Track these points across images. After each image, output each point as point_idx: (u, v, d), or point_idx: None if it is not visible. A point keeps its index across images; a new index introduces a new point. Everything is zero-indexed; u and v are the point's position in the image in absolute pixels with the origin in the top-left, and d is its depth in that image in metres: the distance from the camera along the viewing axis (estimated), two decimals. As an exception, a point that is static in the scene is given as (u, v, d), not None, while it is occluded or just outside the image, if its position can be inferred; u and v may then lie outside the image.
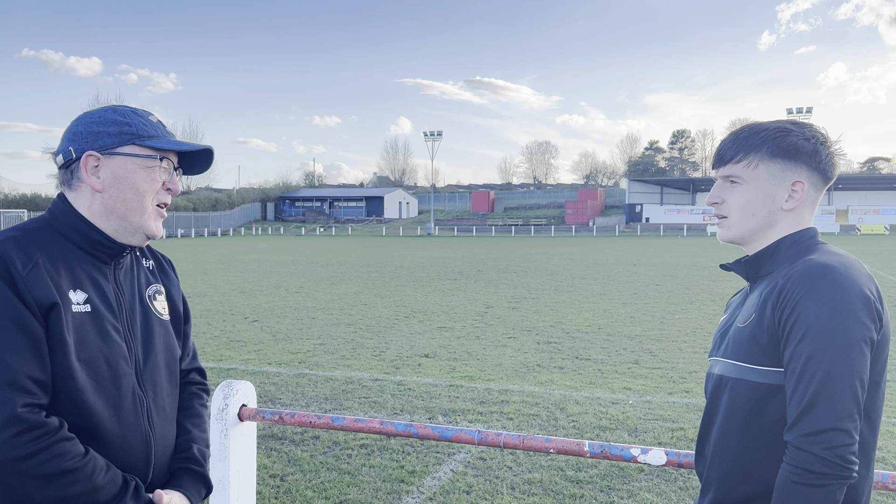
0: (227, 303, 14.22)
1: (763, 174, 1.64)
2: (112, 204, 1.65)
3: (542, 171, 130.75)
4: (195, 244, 48.24)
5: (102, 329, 1.61)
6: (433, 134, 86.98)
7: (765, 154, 1.64)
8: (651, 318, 11.88)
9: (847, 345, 1.42)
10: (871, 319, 1.46)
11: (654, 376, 7.61)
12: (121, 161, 1.64)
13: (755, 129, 1.67)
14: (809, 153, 1.62)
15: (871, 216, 72.84)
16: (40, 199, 67.05)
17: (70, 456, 1.48)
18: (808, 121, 1.69)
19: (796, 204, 1.64)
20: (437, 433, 2.69)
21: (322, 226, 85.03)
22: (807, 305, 1.45)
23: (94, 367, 1.57)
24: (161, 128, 1.71)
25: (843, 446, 1.38)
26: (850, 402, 1.40)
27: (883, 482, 2.11)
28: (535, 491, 4.46)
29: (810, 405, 1.41)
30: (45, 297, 1.51)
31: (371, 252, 36.20)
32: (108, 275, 1.68)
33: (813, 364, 1.42)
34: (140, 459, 1.65)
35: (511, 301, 14.43)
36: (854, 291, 1.46)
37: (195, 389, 1.94)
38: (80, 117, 1.70)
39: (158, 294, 1.82)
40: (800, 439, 1.41)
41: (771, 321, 1.52)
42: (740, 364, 1.59)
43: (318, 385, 7.27)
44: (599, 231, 73.52)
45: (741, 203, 1.66)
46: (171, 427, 1.78)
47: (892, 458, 5.04)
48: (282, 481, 4.67)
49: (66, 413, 1.53)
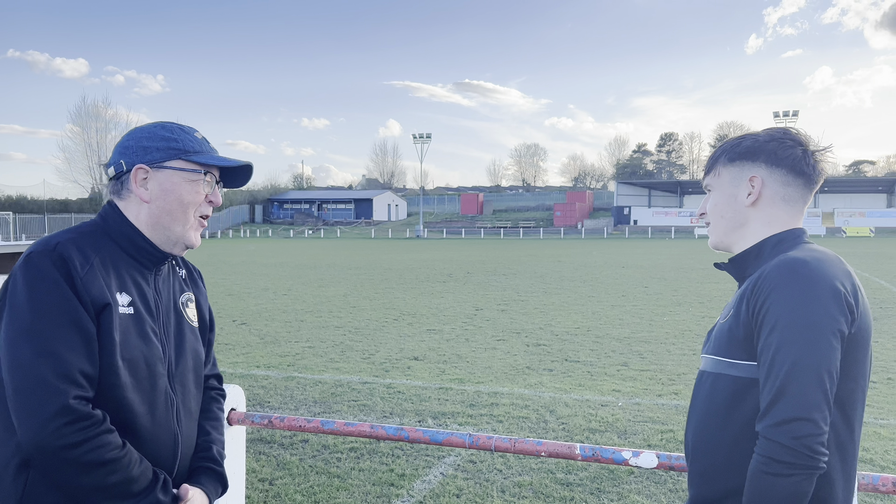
0: (215, 305, 14.14)
1: (726, 178, 1.75)
2: (158, 214, 1.76)
3: (530, 173, 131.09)
4: (183, 246, 47.99)
5: (143, 331, 1.71)
6: (422, 136, 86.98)
7: (725, 160, 1.76)
8: (639, 320, 11.91)
9: (814, 336, 1.44)
10: (840, 312, 1.47)
11: (643, 378, 7.63)
12: (168, 174, 1.76)
13: (723, 142, 1.81)
14: (766, 151, 1.70)
15: (856, 218, 73.46)
16: (25, 200, 66.55)
17: (112, 447, 1.58)
18: (795, 127, 1.73)
19: (755, 198, 1.70)
20: (427, 437, 2.68)
21: (310, 228, 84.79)
22: (777, 298, 1.49)
23: (135, 367, 1.68)
24: (205, 144, 1.84)
25: (809, 436, 1.40)
26: (817, 392, 1.42)
27: (873, 484, 2.12)
28: (525, 494, 4.46)
29: (778, 395, 1.43)
30: (100, 298, 1.62)
31: (360, 254, 36.13)
32: (150, 280, 1.80)
33: (781, 355, 1.45)
34: (169, 456, 1.76)
35: (500, 303, 14.44)
36: (824, 284, 1.48)
37: (214, 394, 2.06)
38: (131, 132, 1.82)
39: (190, 302, 1.94)
40: (768, 429, 1.43)
41: (746, 315, 1.56)
42: (720, 359, 1.62)
43: (306, 388, 7.24)
44: (588, 233, 73.72)
45: (713, 208, 1.79)
46: (194, 427, 1.89)
47: (880, 460, 5.07)
48: (271, 485, 4.64)
49: (108, 407, 1.62)
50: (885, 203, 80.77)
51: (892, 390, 7.05)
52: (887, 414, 6.22)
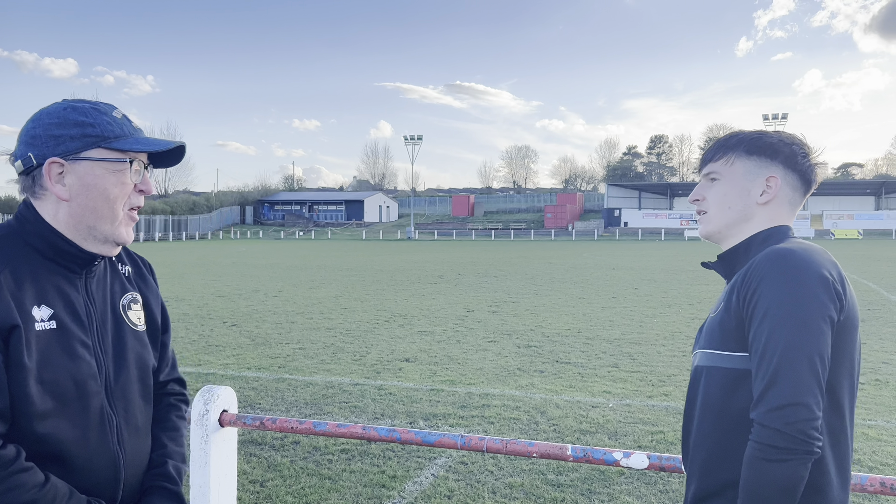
0: (205, 307, 14.10)
1: (739, 170, 1.73)
2: (80, 212, 1.54)
3: (521, 175, 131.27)
4: (173, 248, 47.78)
5: (69, 347, 1.52)
6: (413, 138, 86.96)
7: (741, 151, 1.73)
8: (630, 322, 11.95)
9: (805, 321, 1.46)
10: (829, 298, 1.49)
11: (634, 380, 7.65)
12: (87, 167, 1.53)
13: (736, 133, 1.78)
14: (786, 153, 1.70)
15: (845, 221, 73.92)
16: (15, 202, 66.00)
17: (27, 488, 1.41)
18: (801, 134, 1.76)
19: (770, 198, 1.70)
20: (419, 438, 2.68)
21: (301, 229, 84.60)
22: (766, 286, 1.50)
23: (59, 388, 1.49)
24: (127, 124, 1.59)
25: (803, 420, 1.40)
26: (810, 377, 1.43)
27: (861, 484, 2.14)
28: (517, 495, 4.47)
29: (771, 381, 1.44)
30: (4, 320, 1.42)
31: (351, 256, 36.08)
32: (79, 286, 1.59)
33: (773, 342, 1.46)
34: (108, 481, 1.57)
35: (491, 305, 14.45)
36: (812, 271, 1.50)
37: (173, 401, 1.86)
38: (36, 117, 1.56)
39: (134, 303, 1.73)
40: (762, 415, 1.43)
41: (736, 306, 1.57)
42: (713, 352, 1.63)
43: (297, 390, 7.23)
44: (578, 235, 73.88)
45: (719, 197, 1.75)
46: (143, 444, 1.71)
47: (868, 461, 5.10)
48: (262, 487, 4.63)
49: (26, 439, 1.45)
50: (872, 206, 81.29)
51: (879, 391, 7.10)
52: (875, 415, 6.27)
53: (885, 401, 6.75)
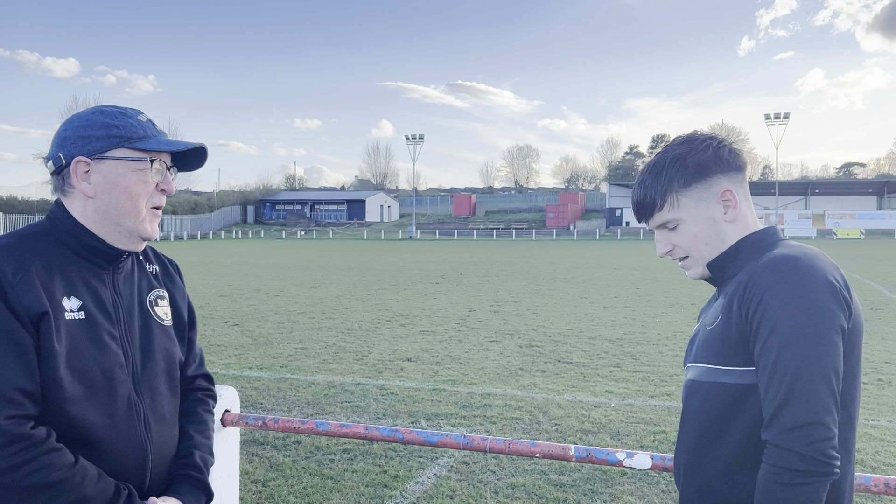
0: (207, 306, 14.10)
1: (690, 204, 1.63)
2: (105, 209, 1.63)
3: (523, 174, 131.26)
4: (174, 247, 47.81)
5: (97, 336, 1.59)
6: (415, 137, 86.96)
7: (678, 187, 1.63)
8: (632, 322, 11.94)
9: (818, 335, 1.38)
10: (839, 307, 1.42)
11: (636, 379, 7.65)
12: (111, 165, 1.62)
13: (655, 172, 1.66)
14: (715, 160, 1.62)
15: (846, 221, 73.86)
16: (16, 201, 66.14)
17: (57, 467, 1.47)
18: (701, 130, 1.69)
19: (736, 211, 1.63)
20: (422, 438, 2.68)
21: (303, 229, 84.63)
22: (773, 298, 1.42)
23: (87, 375, 1.56)
24: (151, 127, 1.68)
25: (823, 440, 1.34)
26: (827, 395, 1.36)
27: (865, 485, 2.13)
28: (519, 495, 4.46)
29: (785, 400, 1.36)
30: (35, 307, 1.50)
31: (352, 255, 36.09)
32: (107, 280, 1.67)
33: (784, 357, 1.38)
34: (135, 467, 1.63)
35: (493, 305, 14.45)
36: (819, 279, 1.43)
37: (200, 395, 1.93)
38: (68, 121, 1.67)
39: (160, 299, 1.81)
40: (778, 436, 1.36)
41: (738, 318, 1.49)
42: (712, 367, 1.54)
43: (299, 390, 7.23)
44: (580, 235, 73.85)
45: (689, 240, 1.65)
46: (170, 433, 1.76)
47: (871, 461, 5.10)
48: (264, 487, 4.63)
49: (57, 422, 1.52)
50: (875, 205, 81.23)
51: (882, 391, 7.09)
52: (877, 415, 6.26)
53: (888, 401, 6.74)
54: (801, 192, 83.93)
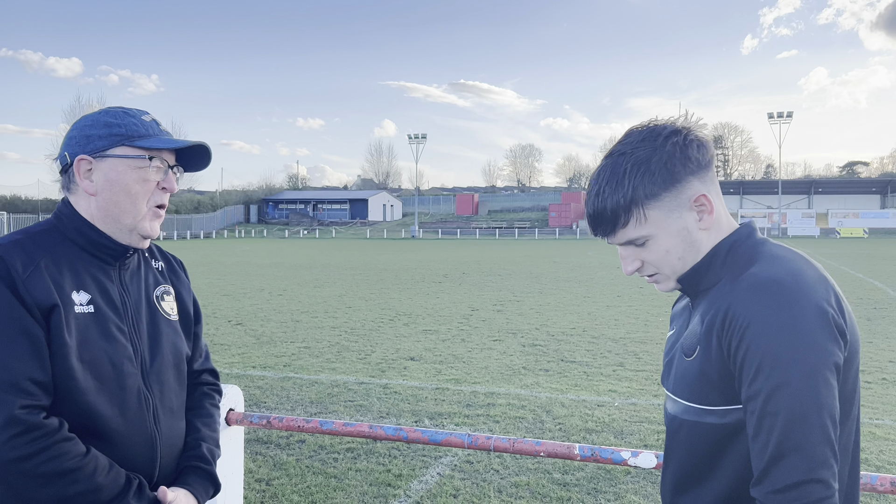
0: (210, 306, 14.12)
1: (660, 217, 1.39)
2: (106, 206, 1.66)
3: (525, 174, 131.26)
4: (177, 247, 47.87)
5: (106, 329, 1.63)
6: (417, 136, 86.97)
7: (645, 200, 1.38)
8: (635, 321, 11.94)
9: (809, 377, 1.20)
10: (832, 340, 1.23)
11: (639, 378, 7.64)
12: (112, 163, 1.65)
13: (615, 181, 1.39)
14: (684, 161, 1.38)
15: (850, 219, 73.75)
16: (20, 200, 66.23)
17: (70, 456, 1.50)
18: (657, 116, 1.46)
19: (711, 217, 1.41)
20: (426, 437, 2.68)
21: (305, 228, 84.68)
22: (756, 334, 1.24)
23: (97, 368, 1.59)
24: (154, 126, 1.70)
25: (821, 500, 1.17)
26: (824, 447, 1.19)
27: (871, 484, 2.13)
28: (522, 494, 4.46)
29: (777, 455, 1.19)
30: (45, 299, 1.53)
31: (355, 255, 36.10)
32: (114, 276, 1.71)
33: (773, 405, 1.20)
34: (145, 458, 1.67)
35: (496, 304, 14.45)
36: (808, 310, 1.24)
37: (207, 389, 1.97)
38: (77, 122, 1.71)
39: (167, 295, 1.84)
40: (770, 497, 1.19)
41: (719, 354, 1.31)
42: (693, 406, 1.38)
43: (303, 389, 7.24)
44: (583, 234, 73.78)
45: (661, 256, 1.42)
46: (178, 426, 1.80)
47: (875, 460, 5.09)
48: (268, 485, 4.63)
49: (69, 413, 1.55)
50: (878, 204, 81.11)
51: (886, 390, 7.08)
52: (882, 414, 6.25)
53: (893, 399, 6.72)
54: (805, 191, 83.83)
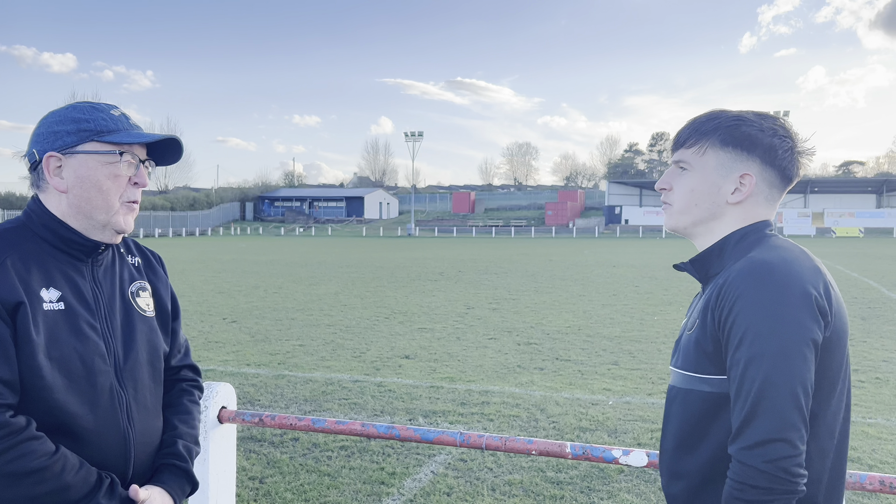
0: (205, 303, 14.10)
1: (711, 162, 1.56)
2: (78, 203, 1.64)
3: (522, 172, 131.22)
4: (172, 244, 47.79)
5: (76, 327, 1.61)
6: (414, 134, 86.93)
7: (716, 141, 1.55)
8: (630, 320, 11.95)
9: (785, 349, 1.34)
10: (812, 319, 1.37)
11: (634, 377, 7.65)
12: (81, 159, 1.63)
13: (712, 115, 1.59)
14: (765, 146, 1.53)
15: (846, 219, 73.90)
16: (14, 197, 66.00)
17: (37, 455, 1.48)
18: (784, 118, 1.60)
19: (742, 198, 1.55)
20: (418, 435, 2.68)
21: (302, 226, 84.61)
22: (742, 308, 1.38)
23: (67, 365, 1.57)
24: (124, 121, 1.69)
25: (785, 458, 1.31)
26: (792, 411, 1.33)
27: (860, 483, 2.13)
28: (516, 492, 4.47)
29: (750, 416, 1.34)
30: (10, 297, 1.52)
31: (351, 252, 36.09)
32: (86, 273, 1.68)
33: (751, 372, 1.35)
34: (117, 456, 1.64)
35: (491, 302, 14.45)
36: (793, 290, 1.37)
37: (186, 386, 1.94)
38: (44, 118, 1.69)
39: (142, 291, 1.82)
40: (740, 452, 1.34)
41: (712, 326, 1.45)
42: (689, 374, 1.51)
43: (297, 386, 7.23)
44: (579, 232, 73.87)
45: (686, 191, 1.60)
46: (154, 423, 1.77)
47: (868, 458, 5.10)
48: (261, 483, 4.63)
49: (38, 411, 1.53)
50: (874, 203, 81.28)
51: (879, 389, 7.10)
52: (875, 413, 6.27)
53: (885, 399, 6.75)
54: (801, 191, 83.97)
